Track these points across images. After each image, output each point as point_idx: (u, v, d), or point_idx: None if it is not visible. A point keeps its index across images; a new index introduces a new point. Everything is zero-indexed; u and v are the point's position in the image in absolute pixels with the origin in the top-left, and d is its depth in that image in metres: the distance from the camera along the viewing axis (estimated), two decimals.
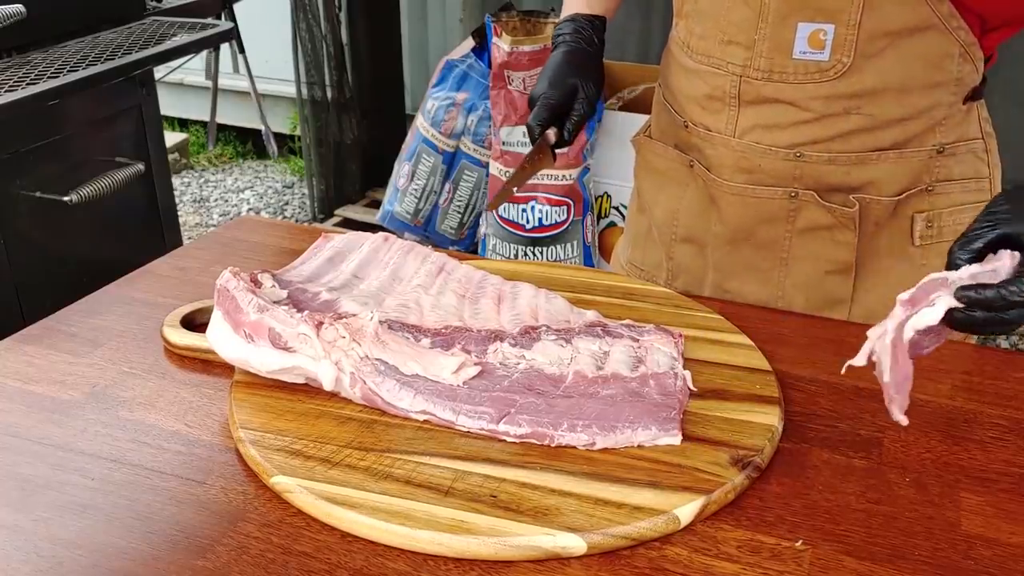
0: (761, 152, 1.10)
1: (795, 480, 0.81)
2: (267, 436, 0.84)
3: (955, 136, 1.09)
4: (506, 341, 0.95)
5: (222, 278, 0.93)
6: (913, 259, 1.12)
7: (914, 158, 1.08)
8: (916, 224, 1.10)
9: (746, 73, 1.08)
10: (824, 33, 1.02)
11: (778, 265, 1.15)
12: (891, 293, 1.08)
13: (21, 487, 0.80)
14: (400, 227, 2.98)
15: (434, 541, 0.72)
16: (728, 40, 1.09)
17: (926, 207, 1.10)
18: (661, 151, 1.24)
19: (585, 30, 1.18)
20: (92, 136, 1.98)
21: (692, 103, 1.16)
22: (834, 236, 1.11)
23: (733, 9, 1.07)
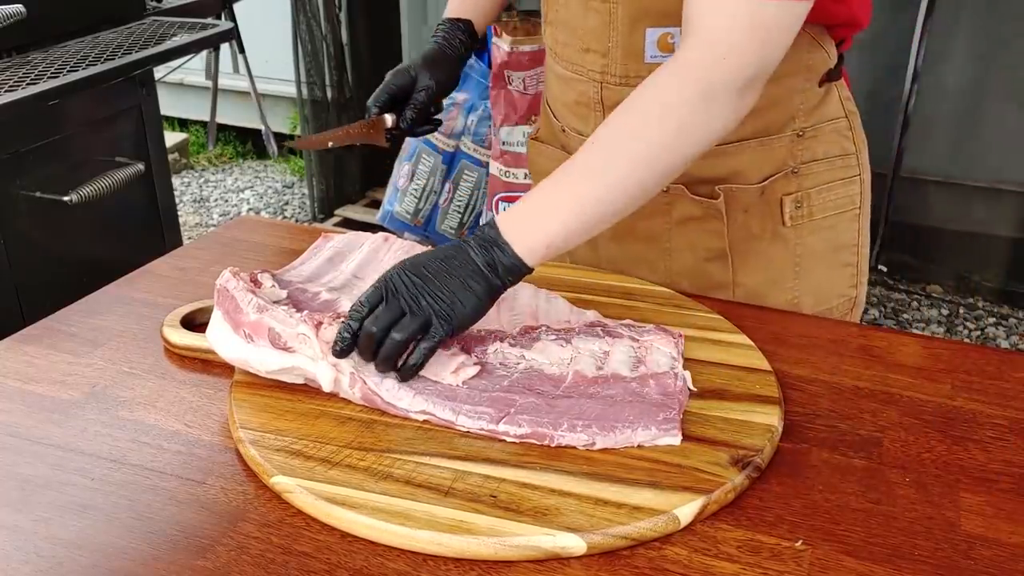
0: None
1: (795, 480, 0.81)
2: (267, 436, 0.84)
3: (815, 119, 1.12)
4: (506, 341, 0.95)
5: (222, 278, 0.93)
6: (787, 239, 1.14)
7: (775, 144, 1.10)
8: (785, 206, 1.13)
9: (605, 79, 1.10)
10: (672, 36, 1.04)
11: (663, 255, 1.18)
12: (771, 275, 1.16)
13: (21, 487, 0.80)
14: (400, 227, 2.98)
15: (434, 541, 0.72)
16: (586, 48, 1.10)
17: (794, 189, 1.12)
18: (549, 153, 1.26)
19: (450, 32, 1.25)
20: (92, 136, 1.98)
21: (565, 109, 1.19)
22: (705, 226, 1.14)
23: (587, 18, 1.08)
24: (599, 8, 1.07)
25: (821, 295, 1.17)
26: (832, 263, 1.17)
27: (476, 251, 0.88)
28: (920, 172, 3.18)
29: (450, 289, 0.87)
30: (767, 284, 1.16)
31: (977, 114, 3.07)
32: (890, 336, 1.05)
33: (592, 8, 1.07)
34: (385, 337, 0.86)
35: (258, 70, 2.75)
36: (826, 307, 1.18)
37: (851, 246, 1.17)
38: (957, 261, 3.21)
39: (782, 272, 1.15)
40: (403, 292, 0.87)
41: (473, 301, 0.87)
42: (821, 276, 1.17)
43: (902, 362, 0.99)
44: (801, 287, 1.16)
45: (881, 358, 1.00)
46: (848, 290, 1.19)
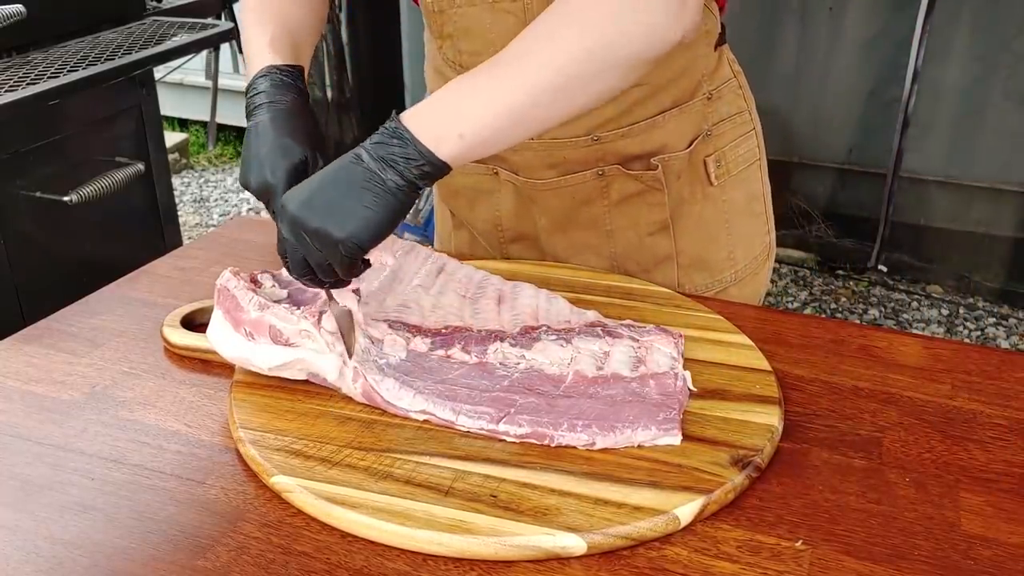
0: (561, 145, 1.13)
1: (795, 480, 0.81)
2: (267, 436, 0.84)
3: (716, 81, 1.17)
4: (506, 341, 0.95)
5: (222, 278, 0.93)
6: (715, 198, 1.19)
7: (692, 110, 1.15)
8: (709, 167, 1.18)
9: None
10: None
11: (605, 239, 1.19)
12: (707, 235, 1.20)
13: (21, 487, 0.80)
14: (400, 227, 2.98)
15: (434, 541, 0.72)
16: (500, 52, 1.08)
17: (712, 150, 1.18)
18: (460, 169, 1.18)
19: (286, 83, 0.96)
20: (92, 136, 1.98)
21: None
22: (646, 199, 1.16)
23: (497, 21, 1.07)
24: (511, 8, 1.05)
25: (747, 246, 1.23)
26: (751, 213, 1.23)
27: (369, 152, 0.81)
28: (920, 172, 3.19)
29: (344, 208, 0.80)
30: (706, 245, 1.20)
31: (977, 114, 3.08)
32: (890, 336, 1.05)
33: (502, 10, 1.06)
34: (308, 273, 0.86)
35: None
36: (752, 256, 1.24)
37: (760, 195, 1.25)
38: (957, 261, 3.21)
39: (716, 230, 1.20)
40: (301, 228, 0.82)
41: (369, 213, 0.80)
42: (745, 227, 1.23)
43: (902, 362, 0.99)
44: (733, 241, 1.22)
45: (881, 358, 1.00)
46: (764, 236, 1.26)
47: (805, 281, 3.30)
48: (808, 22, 3.22)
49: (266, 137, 0.91)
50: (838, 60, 3.18)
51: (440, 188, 1.32)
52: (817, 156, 3.34)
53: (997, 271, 3.17)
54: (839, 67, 3.18)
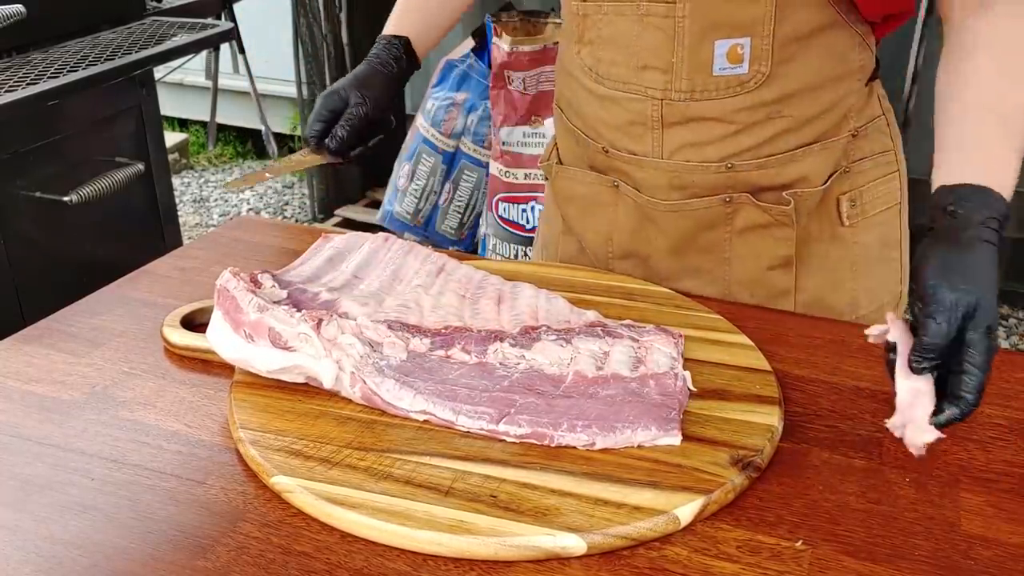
0: (692, 169, 1.10)
1: (795, 480, 0.81)
2: (267, 436, 0.84)
3: (864, 118, 1.13)
4: (506, 341, 0.95)
5: (222, 278, 0.93)
6: (845, 239, 1.15)
7: (835, 146, 1.11)
8: (842, 206, 1.14)
9: (667, 96, 1.07)
10: (742, 47, 1.03)
11: (721, 264, 1.16)
12: (831, 277, 1.15)
13: (21, 487, 0.80)
14: (400, 227, 2.98)
15: (434, 541, 0.72)
16: (643, 65, 1.07)
17: (848, 187, 1.13)
18: (580, 177, 1.22)
19: (385, 50, 1.22)
20: (92, 136, 1.98)
21: (611, 129, 1.14)
22: (772, 234, 1.12)
23: (644, 34, 1.05)
24: (660, 24, 1.04)
25: (875, 293, 1.18)
26: (883, 259, 1.18)
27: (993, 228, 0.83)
28: (920, 172, 3.18)
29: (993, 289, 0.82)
30: (828, 287, 1.15)
31: None
32: None
33: (651, 24, 1.04)
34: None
35: (258, 70, 2.75)
36: (877, 305, 1.18)
37: (896, 241, 1.19)
38: None
39: (841, 273, 1.15)
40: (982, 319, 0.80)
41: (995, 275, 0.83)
42: (875, 274, 1.17)
43: None
44: (858, 287, 1.16)
45: (881, 358, 1.00)
46: (895, 286, 1.20)
47: None
48: None
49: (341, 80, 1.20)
50: None
51: (556, 191, 1.28)
52: None
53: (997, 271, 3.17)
54: None
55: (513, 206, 2.69)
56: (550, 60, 2.53)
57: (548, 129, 2.61)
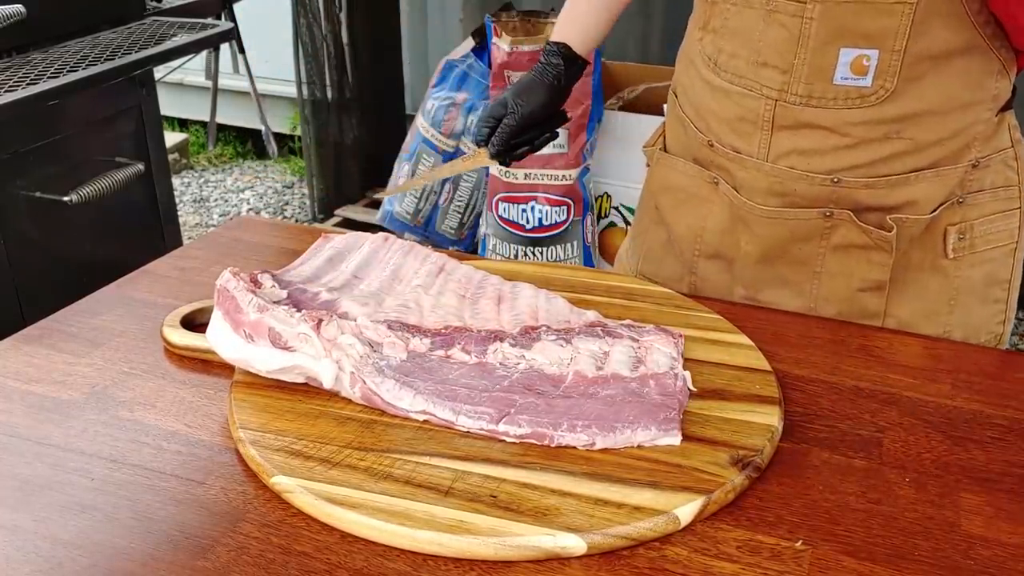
0: (796, 177, 1.07)
1: (795, 480, 0.81)
2: (267, 436, 0.84)
3: (989, 149, 1.07)
4: (506, 341, 0.95)
5: (222, 278, 0.93)
6: (947, 272, 1.10)
7: (951, 174, 1.06)
8: (949, 237, 1.08)
9: (782, 97, 1.04)
10: (868, 59, 0.99)
11: (810, 278, 1.12)
12: (924, 307, 1.09)
13: (21, 487, 0.80)
14: (400, 227, 2.98)
15: (434, 541, 0.72)
16: (763, 62, 1.05)
17: (958, 219, 1.08)
18: (681, 167, 1.20)
19: (545, 58, 1.23)
20: (92, 136, 1.98)
21: (720, 123, 1.12)
22: (869, 256, 1.09)
23: (769, 30, 1.02)
24: (787, 22, 1.01)
25: (970, 330, 1.13)
26: (985, 298, 1.13)
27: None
28: None
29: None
30: (920, 317, 1.11)
31: None
32: (890, 336, 1.05)
33: (777, 22, 1.01)
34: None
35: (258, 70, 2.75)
36: (974, 343, 1.13)
37: (1004, 281, 1.13)
38: None
39: (936, 305, 1.11)
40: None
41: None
42: (973, 311, 1.12)
43: (902, 362, 0.99)
44: (953, 321, 1.12)
45: (881, 358, 1.00)
46: (996, 327, 1.15)
47: None
48: None
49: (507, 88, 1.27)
50: None
51: (654, 179, 1.26)
52: None
53: None
54: None
55: (513, 206, 2.69)
56: None
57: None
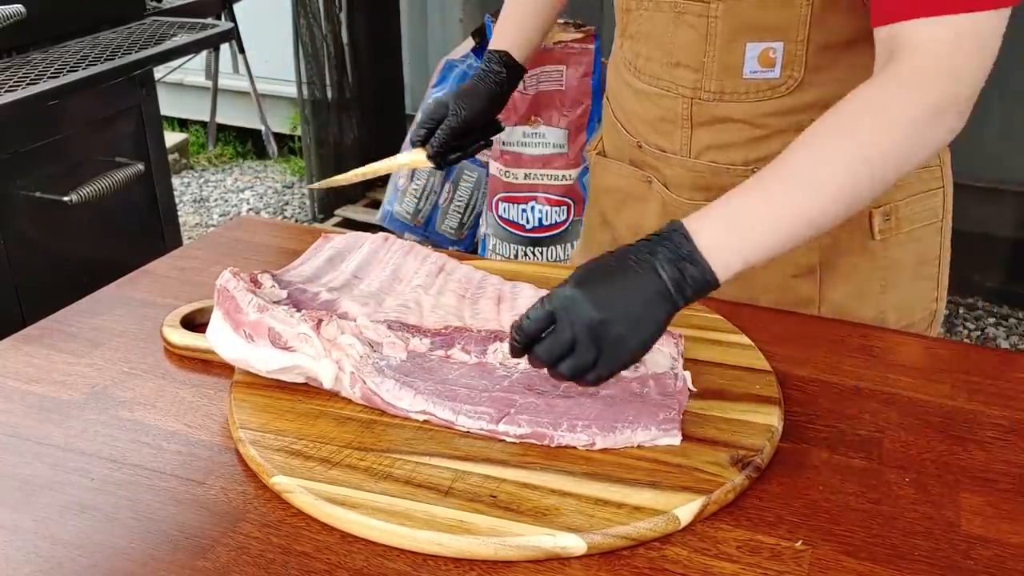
0: (717, 171, 1.10)
1: (795, 480, 0.81)
2: (267, 436, 0.84)
3: None
4: (506, 341, 0.95)
5: (222, 278, 0.93)
6: (875, 253, 1.12)
7: None
8: (875, 219, 1.10)
9: (697, 95, 1.07)
10: (774, 51, 1.02)
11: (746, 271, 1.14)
12: (857, 290, 1.12)
13: (21, 487, 0.80)
14: (400, 227, 2.98)
15: (434, 541, 0.72)
16: (676, 63, 1.08)
17: (883, 200, 1.09)
18: (617, 169, 1.24)
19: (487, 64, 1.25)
20: (92, 136, 1.98)
21: (644, 124, 1.15)
22: None
23: (679, 32, 1.06)
24: (694, 23, 1.04)
25: (905, 309, 1.15)
26: (916, 276, 1.15)
27: (665, 267, 0.79)
28: None
29: (631, 317, 0.78)
30: (854, 299, 1.13)
31: (977, 114, 3.07)
32: (890, 336, 1.05)
33: (686, 23, 1.04)
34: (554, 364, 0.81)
35: (258, 70, 2.75)
36: (909, 321, 1.15)
37: (934, 259, 1.16)
38: (957, 261, 3.21)
39: (869, 286, 1.13)
40: (578, 322, 0.78)
41: (652, 329, 0.80)
42: (906, 290, 1.14)
43: (902, 362, 0.99)
44: (887, 302, 1.14)
45: (881, 358, 1.00)
46: (930, 303, 1.17)
47: None
48: None
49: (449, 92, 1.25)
50: None
51: (596, 182, 1.30)
52: None
53: (997, 271, 3.17)
54: None
55: (513, 206, 2.69)
56: (550, 60, 2.53)
57: (547, 129, 2.61)
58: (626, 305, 0.78)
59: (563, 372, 0.80)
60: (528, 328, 0.80)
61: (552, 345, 0.79)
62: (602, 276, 0.80)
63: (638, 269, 0.80)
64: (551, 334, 0.80)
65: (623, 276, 0.79)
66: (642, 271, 0.79)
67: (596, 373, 0.80)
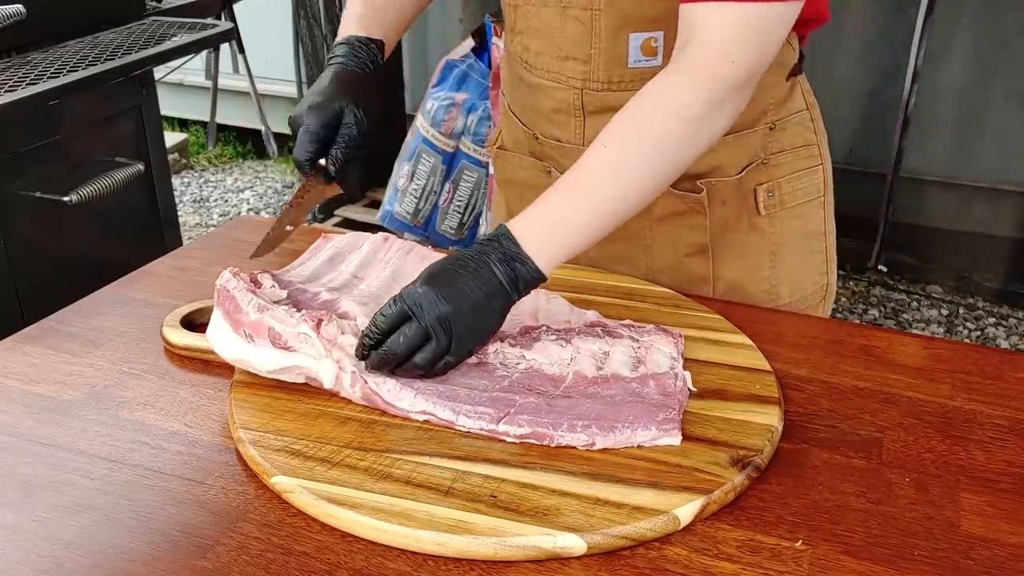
0: None
1: (795, 480, 0.81)
2: (267, 436, 0.84)
3: (784, 112, 1.15)
4: (506, 341, 0.95)
5: (222, 278, 0.93)
6: (763, 228, 1.17)
7: (750, 138, 1.13)
8: (759, 196, 1.16)
9: (587, 86, 1.10)
10: (655, 40, 1.06)
11: (643, 252, 1.19)
12: (748, 265, 1.17)
13: (21, 487, 0.80)
14: (400, 227, 2.98)
15: (434, 541, 0.72)
16: (565, 56, 1.10)
17: (765, 179, 1.15)
18: (518, 162, 1.26)
19: (359, 52, 1.12)
20: (92, 136, 1.98)
21: (539, 116, 1.18)
22: (688, 221, 1.15)
23: (566, 26, 1.08)
24: (580, 16, 1.07)
25: (796, 283, 1.20)
26: (804, 251, 1.20)
27: (498, 266, 0.88)
28: (920, 172, 3.19)
29: (476, 310, 0.87)
30: (746, 275, 1.18)
31: (977, 114, 3.08)
32: (890, 336, 1.05)
33: (572, 17, 1.08)
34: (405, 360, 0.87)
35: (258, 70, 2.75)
36: (801, 295, 1.21)
37: (820, 234, 1.21)
38: (957, 261, 3.21)
39: (759, 262, 1.18)
40: (427, 313, 0.86)
41: (493, 321, 0.89)
42: (795, 264, 1.20)
43: (902, 362, 0.99)
44: (778, 276, 1.19)
45: (881, 358, 1.00)
46: (820, 277, 1.23)
47: None
48: None
49: (320, 85, 1.08)
50: (838, 60, 3.18)
51: (498, 175, 1.32)
52: None
53: (997, 271, 3.17)
54: (839, 67, 3.18)
55: None
56: None
57: None
58: (471, 300, 0.87)
59: (417, 363, 0.87)
60: (383, 324, 0.87)
61: (409, 337, 0.86)
62: (448, 275, 0.88)
63: (477, 269, 0.88)
64: (406, 327, 0.86)
65: (466, 275, 0.87)
66: (481, 271, 0.88)
67: (446, 360, 0.88)
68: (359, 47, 1.12)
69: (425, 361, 0.87)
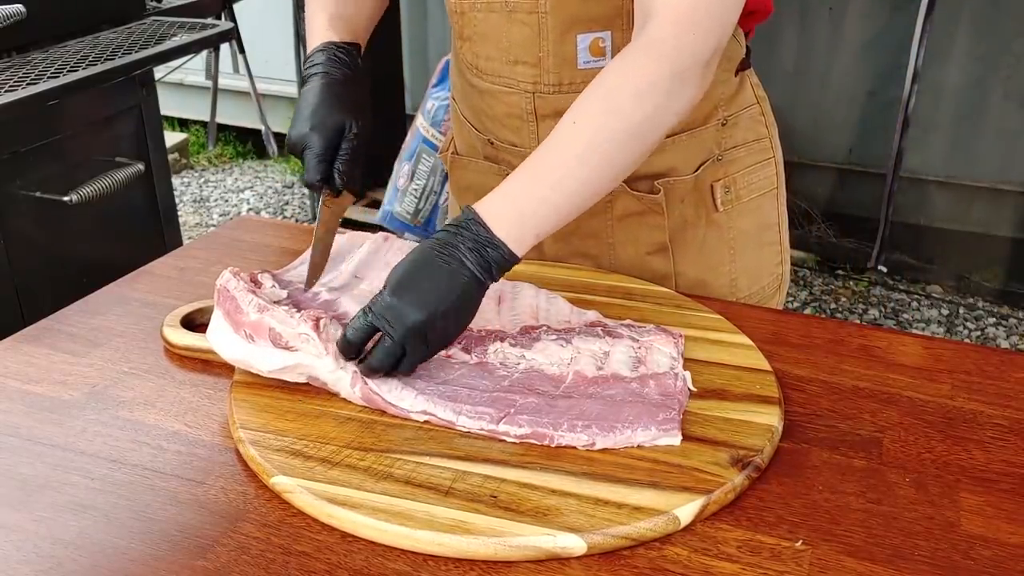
0: None
1: (795, 480, 0.81)
2: (267, 436, 0.84)
3: (734, 107, 1.16)
4: (506, 341, 0.95)
5: (222, 278, 0.93)
6: (720, 224, 1.18)
7: (703, 135, 1.14)
8: (716, 192, 1.17)
9: (537, 89, 1.11)
10: (603, 41, 1.06)
11: (606, 251, 1.19)
12: (708, 260, 1.19)
13: (21, 487, 0.80)
14: (400, 227, 2.98)
15: (434, 541, 0.72)
16: (514, 60, 1.10)
17: (721, 175, 1.16)
18: (474, 166, 1.26)
19: (340, 58, 1.06)
20: (92, 136, 1.98)
21: (492, 121, 1.18)
22: (647, 220, 1.16)
23: (513, 30, 1.08)
24: (526, 20, 1.07)
25: (754, 275, 1.22)
26: (760, 243, 1.22)
27: (468, 256, 0.86)
28: (920, 172, 3.19)
29: (450, 310, 0.85)
30: (706, 270, 1.19)
31: (977, 114, 3.08)
32: (890, 336, 1.05)
33: (518, 20, 1.07)
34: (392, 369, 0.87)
35: (258, 70, 2.75)
36: (759, 286, 1.23)
37: (774, 225, 1.23)
38: (957, 261, 3.22)
39: (719, 257, 1.19)
40: (396, 329, 0.84)
41: (469, 313, 0.88)
42: (752, 257, 1.21)
43: (902, 362, 0.99)
44: (737, 269, 1.20)
45: (881, 358, 1.00)
46: (775, 268, 1.25)
47: (805, 281, 3.30)
48: (808, 22, 3.22)
49: (312, 101, 1.02)
50: (838, 60, 3.18)
51: (454, 181, 1.32)
52: (817, 156, 3.34)
53: (997, 271, 3.17)
54: (839, 67, 3.18)
55: None
56: None
57: None
58: (444, 300, 0.85)
59: (402, 370, 0.87)
60: (353, 339, 0.86)
61: (384, 356, 0.85)
62: (415, 278, 0.86)
63: (446, 262, 0.86)
64: (381, 345, 0.85)
65: (433, 272, 0.85)
66: (450, 263, 0.85)
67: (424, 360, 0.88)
68: (339, 53, 1.07)
69: (410, 367, 0.87)
